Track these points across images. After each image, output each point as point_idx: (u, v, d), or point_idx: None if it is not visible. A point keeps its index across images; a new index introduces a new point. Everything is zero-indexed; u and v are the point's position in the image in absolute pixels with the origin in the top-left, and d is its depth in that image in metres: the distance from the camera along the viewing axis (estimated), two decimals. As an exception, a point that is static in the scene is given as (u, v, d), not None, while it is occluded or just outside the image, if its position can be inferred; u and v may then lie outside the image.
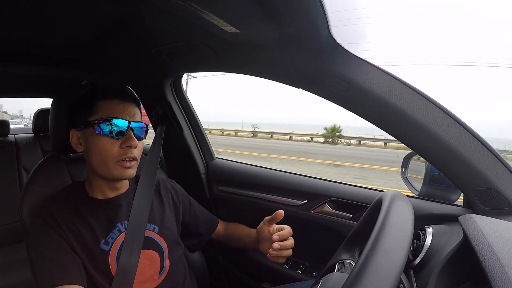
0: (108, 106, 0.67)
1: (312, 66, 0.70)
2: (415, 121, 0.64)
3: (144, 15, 0.73)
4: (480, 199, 0.64)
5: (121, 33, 0.85)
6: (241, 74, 0.91)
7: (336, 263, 0.63)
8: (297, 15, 0.58)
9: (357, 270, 0.34)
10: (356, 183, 1.02)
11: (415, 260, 0.60)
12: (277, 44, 0.69)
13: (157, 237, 0.74)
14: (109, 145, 0.66)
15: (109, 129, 0.65)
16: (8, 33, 0.85)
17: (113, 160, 0.66)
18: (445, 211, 0.76)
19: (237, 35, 0.64)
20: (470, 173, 0.63)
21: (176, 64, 0.99)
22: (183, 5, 0.51)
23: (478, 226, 0.51)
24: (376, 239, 0.38)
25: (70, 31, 0.87)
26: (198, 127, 1.27)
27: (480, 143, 0.62)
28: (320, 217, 0.99)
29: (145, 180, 0.80)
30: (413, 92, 0.64)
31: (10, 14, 0.73)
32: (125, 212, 0.72)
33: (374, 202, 0.58)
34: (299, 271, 1.05)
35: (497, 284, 0.37)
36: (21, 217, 0.71)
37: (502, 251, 0.42)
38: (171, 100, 1.19)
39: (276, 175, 1.13)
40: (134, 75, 1.17)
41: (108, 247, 0.67)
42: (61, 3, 0.69)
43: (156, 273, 0.72)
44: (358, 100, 0.68)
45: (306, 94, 0.76)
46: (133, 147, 0.67)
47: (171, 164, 1.38)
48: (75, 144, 0.71)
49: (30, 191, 0.74)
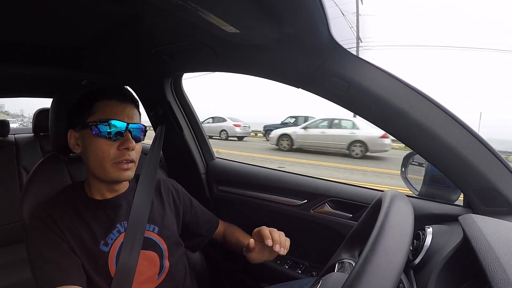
0: (106, 107, 0.66)
1: (312, 66, 0.69)
2: (415, 121, 0.64)
3: (144, 15, 0.73)
4: (480, 199, 0.64)
5: (121, 33, 0.85)
6: (241, 74, 0.91)
7: (336, 263, 0.63)
8: (297, 15, 0.58)
9: (357, 270, 0.34)
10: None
11: (415, 260, 0.60)
12: (277, 44, 0.69)
13: (156, 237, 0.74)
14: (106, 147, 0.65)
15: (106, 131, 0.64)
16: (8, 33, 0.85)
17: (110, 162, 0.65)
18: (445, 211, 0.76)
19: (237, 35, 0.64)
20: (470, 173, 0.63)
21: (176, 64, 0.99)
22: (183, 5, 0.51)
23: (478, 226, 0.51)
24: (376, 239, 0.38)
25: (70, 31, 0.87)
26: (198, 127, 1.27)
27: (480, 143, 0.62)
28: (320, 217, 0.99)
29: (145, 180, 0.80)
30: (413, 92, 0.64)
31: (10, 14, 0.73)
32: (124, 212, 0.72)
33: (374, 202, 0.58)
34: (299, 271, 1.05)
35: (497, 284, 0.37)
36: (21, 217, 0.71)
37: (502, 251, 0.43)
38: (171, 100, 1.19)
39: (276, 175, 1.13)
40: (134, 75, 1.17)
41: (107, 248, 0.67)
42: (61, 3, 0.69)
43: (156, 274, 0.72)
44: (358, 100, 0.68)
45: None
46: (131, 149, 0.66)
47: (171, 164, 1.38)
48: (72, 145, 0.70)
49: (30, 191, 0.73)
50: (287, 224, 1.09)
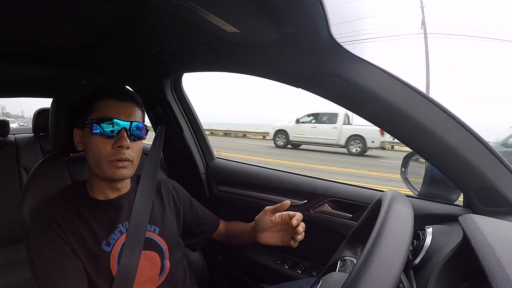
0: (105, 105, 0.67)
1: (312, 65, 0.70)
2: (415, 121, 0.64)
3: (144, 15, 0.73)
4: (480, 199, 0.64)
5: (121, 33, 0.85)
6: (241, 74, 0.91)
7: (338, 260, 0.63)
8: (297, 15, 0.58)
9: (356, 270, 0.34)
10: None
11: (415, 260, 0.60)
12: (277, 44, 0.69)
13: (157, 238, 0.74)
14: (102, 145, 0.65)
15: (102, 129, 0.65)
16: (8, 33, 0.85)
17: (106, 160, 0.65)
18: (445, 211, 0.76)
19: (237, 35, 0.64)
20: (470, 173, 0.63)
21: (176, 64, 0.99)
22: (183, 5, 0.51)
23: (477, 226, 0.51)
24: (376, 239, 0.38)
25: (70, 31, 0.87)
26: (198, 127, 1.27)
27: (480, 143, 0.62)
28: (320, 217, 0.99)
29: (146, 181, 0.80)
30: (413, 92, 0.64)
31: (11, 14, 0.73)
32: (126, 213, 0.72)
33: (374, 202, 0.58)
34: (299, 271, 1.05)
35: (497, 284, 0.37)
36: (21, 217, 0.71)
37: (502, 251, 0.43)
38: (171, 100, 1.19)
39: (276, 175, 1.13)
40: (134, 75, 1.17)
41: (109, 248, 0.67)
42: (61, 3, 0.69)
43: (157, 274, 0.72)
44: (358, 99, 0.68)
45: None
46: (124, 147, 0.66)
47: (171, 164, 1.38)
48: (77, 142, 0.71)
49: (30, 191, 0.73)
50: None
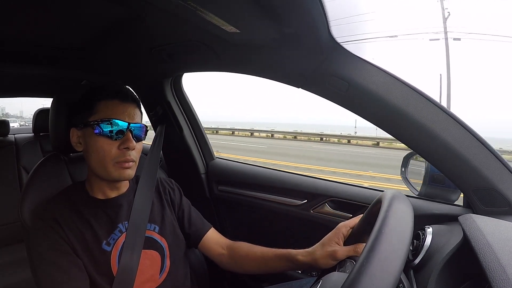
0: (108, 106, 0.67)
1: (312, 65, 0.70)
2: (415, 121, 0.64)
3: (144, 15, 0.72)
4: (480, 199, 0.64)
5: (121, 33, 0.85)
6: (241, 74, 0.91)
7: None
8: (297, 15, 0.58)
9: (356, 270, 0.34)
10: (356, 183, 1.02)
11: (415, 260, 0.60)
12: (277, 44, 0.69)
13: (157, 236, 0.74)
14: (108, 146, 0.65)
15: (108, 130, 0.65)
16: (8, 33, 0.85)
17: (112, 161, 0.66)
18: (445, 211, 0.76)
19: (237, 35, 0.64)
20: (470, 173, 0.63)
21: (176, 64, 0.99)
22: (183, 5, 0.51)
23: (478, 226, 0.51)
24: (376, 239, 0.38)
25: (70, 31, 0.87)
26: (198, 127, 1.27)
27: (480, 143, 0.62)
28: (320, 217, 0.99)
29: (145, 181, 0.80)
30: (413, 91, 0.64)
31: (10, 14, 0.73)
32: (125, 212, 0.72)
33: (373, 202, 0.58)
34: (299, 271, 1.04)
35: (497, 284, 0.37)
36: (21, 217, 0.71)
37: (502, 251, 0.43)
38: (171, 100, 1.19)
39: (276, 175, 1.13)
40: (134, 75, 1.17)
41: (110, 248, 0.67)
42: (61, 3, 0.68)
43: (157, 273, 0.72)
44: (358, 99, 0.68)
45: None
46: (131, 149, 0.66)
47: (171, 164, 1.38)
48: (75, 143, 0.71)
49: (30, 191, 0.73)
50: (287, 224, 1.09)
